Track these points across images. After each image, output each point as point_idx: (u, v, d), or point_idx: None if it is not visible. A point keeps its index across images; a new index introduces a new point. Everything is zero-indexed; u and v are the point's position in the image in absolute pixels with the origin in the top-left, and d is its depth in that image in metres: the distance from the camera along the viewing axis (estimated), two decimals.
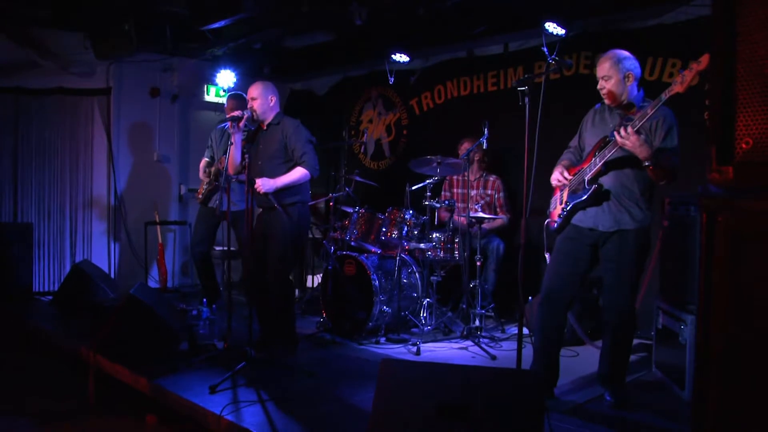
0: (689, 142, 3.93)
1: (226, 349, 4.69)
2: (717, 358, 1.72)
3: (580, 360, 4.78)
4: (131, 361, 4.39)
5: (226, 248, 6.68)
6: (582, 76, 5.90)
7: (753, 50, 1.69)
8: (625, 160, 3.51)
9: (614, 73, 3.57)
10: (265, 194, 4.54)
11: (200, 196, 6.28)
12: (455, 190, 6.42)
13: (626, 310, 3.61)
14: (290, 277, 4.91)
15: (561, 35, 5.62)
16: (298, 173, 4.62)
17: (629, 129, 3.32)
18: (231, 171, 4.76)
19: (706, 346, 1.73)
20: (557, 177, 3.82)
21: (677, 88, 3.17)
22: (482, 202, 6.16)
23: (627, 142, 3.33)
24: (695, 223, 3.96)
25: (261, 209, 4.80)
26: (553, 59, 3.44)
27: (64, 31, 7.02)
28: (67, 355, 5.12)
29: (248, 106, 4.75)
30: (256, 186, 4.49)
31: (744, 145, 1.72)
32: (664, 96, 3.23)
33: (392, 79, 7.32)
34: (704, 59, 3.08)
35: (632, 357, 4.77)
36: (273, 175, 4.61)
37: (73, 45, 7.11)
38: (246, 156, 4.37)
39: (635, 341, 5.08)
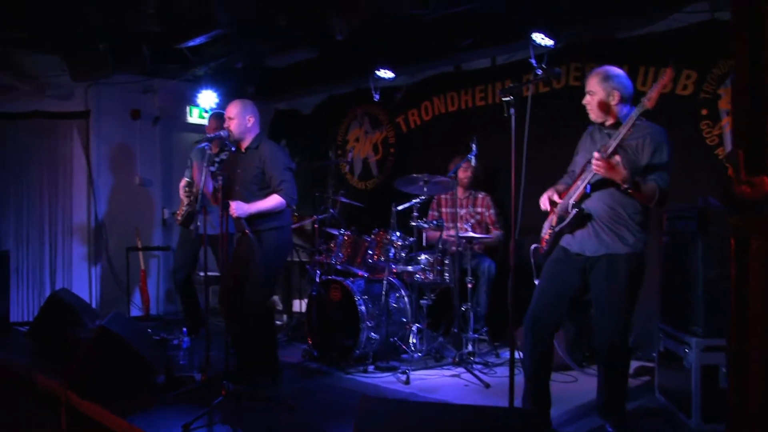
0: (683, 153, 3.76)
1: (204, 381, 4.45)
2: (758, 410, 1.45)
3: (579, 386, 4.56)
4: (104, 396, 4.14)
5: (212, 274, 6.47)
6: (572, 88, 5.72)
7: None
8: (610, 182, 3.32)
9: (599, 89, 3.43)
10: (238, 218, 4.34)
11: (179, 218, 6.08)
12: (444, 210, 6.21)
13: (617, 341, 3.37)
14: (269, 304, 4.68)
15: (549, 46, 5.46)
16: (274, 201, 4.43)
17: (597, 155, 3.19)
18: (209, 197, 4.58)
19: (743, 398, 1.46)
20: (544, 200, 3.64)
21: (647, 104, 3.11)
22: (472, 220, 5.95)
23: (599, 167, 3.17)
24: (696, 238, 3.76)
25: (239, 233, 4.61)
26: (542, 68, 3.25)
27: (40, 53, 6.83)
28: (41, 389, 4.88)
29: (224, 126, 4.56)
30: (230, 209, 4.29)
31: None
32: (635, 114, 3.15)
33: (377, 96, 7.15)
34: (667, 73, 3.10)
35: (634, 381, 4.58)
36: (249, 201, 4.43)
37: (49, 67, 6.93)
38: (219, 180, 4.18)
39: (636, 363, 4.90)
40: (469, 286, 5.36)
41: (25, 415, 4.69)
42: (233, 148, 4.62)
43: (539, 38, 5.35)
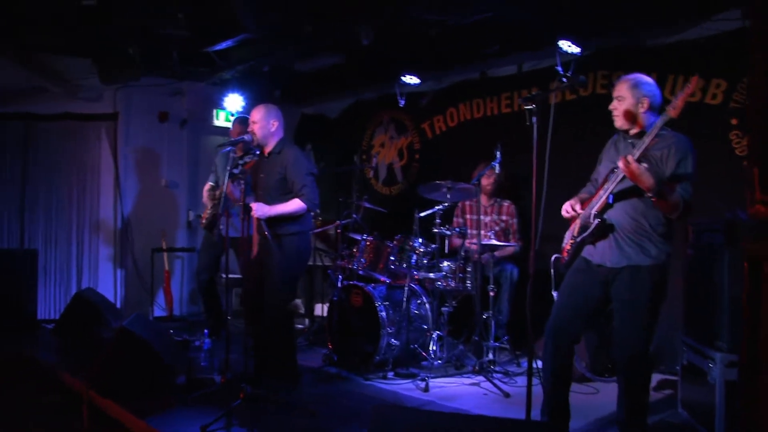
0: (712, 163, 3.68)
1: (223, 383, 4.46)
2: None
3: (600, 397, 4.50)
4: (124, 396, 4.18)
5: (231, 276, 6.50)
6: (599, 96, 5.65)
7: None
8: (634, 191, 3.26)
9: (629, 96, 3.36)
10: (259, 221, 4.36)
11: (204, 221, 6.13)
12: (468, 216, 6.17)
13: (638, 355, 3.30)
14: (289, 308, 4.68)
15: (576, 54, 5.41)
16: (295, 205, 4.43)
17: (629, 158, 3.10)
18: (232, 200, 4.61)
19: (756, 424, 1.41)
20: (566, 209, 3.58)
21: (671, 113, 3.04)
22: (496, 228, 5.90)
23: (626, 171, 3.11)
24: (722, 251, 3.68)
25: (261, 236, 4.62)
26: (566, 76, 3.21)
27: (71, 56, 6.94)
28: (65, 386, 4.94)
29: (248, 130, 4.58)
30: (252, 211, 4.31)
31: None
32: (660, 123, 3.10)
33: (402, 102, 7.15)
34: (693, 82, 3.03)
35: (656, 395, 4.51)
36: (271, 204, 4.45)
37: (80, 70, 7.02)
38: (241, 183, 4.20)
39: (659, 377, 4.82)
40: (491, 294, 5.32)
41: (49, 411, 4.73)
42: (257, 152, 4.64)
43: (566, 45, 5.30)
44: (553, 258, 3.68)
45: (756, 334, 1.37)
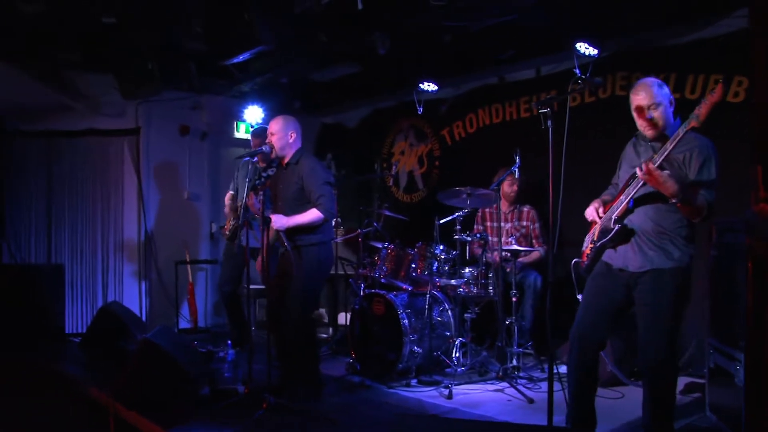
0: (734, 162, 3.62)
1: (247, 394, 4.48)
2: None
3: (626, 402, 4.44)
4: (149, 407, 4.20)
5: (254, 287, 6.53)
6: (618, 98, 5.60)
7: None
8: (655, 196, 3.21)
9: (662, 98, 3.27)
10: (278, 233, 4.38)
11: (227, 232, 6.17)
12: (488, 224, 6.14)
13: (662, 359, 3.24)
14: (310, 318, 4.69)
15: (594, 56, 5.37)
16: (312, 215, 4.43)
17: (650, 165, 3.05)
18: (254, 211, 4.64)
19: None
20: (590, 212, 3.53)
21: (693, 123, 2.98)
22: (517, 234, 5.87)
23: (648, 179, 3.06)
24: (745, 250, 3.61)
25: (282, 247, 4.64)
26: (581, 78, 3.18)
27: (93, 73, 7.05)
28: (92, 399, 4.99)
29: (267, 141, 4.61)
30: (271, 223, 4.33)
31: None
32: (682, 131, 3.02)
33: (421, 109, 7.14)
34: (718, 90, 2.91)
35: (684, 398, 4.44)
36: (289, 215, 4.47)
37: (102, 86, 7.13)
38: (260, 195, 4.22)
39: (687, 380, 4.75)
40: (514, 299, 5.28)
41: (76, 424, 4.78)
42: (274, 164, 4.66)
43: (583, 48, 5.27)
44: (573, 262, 3.63)
45: (762, 334, 1.34)
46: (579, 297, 3.52)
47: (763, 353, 1.35)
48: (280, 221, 4.36)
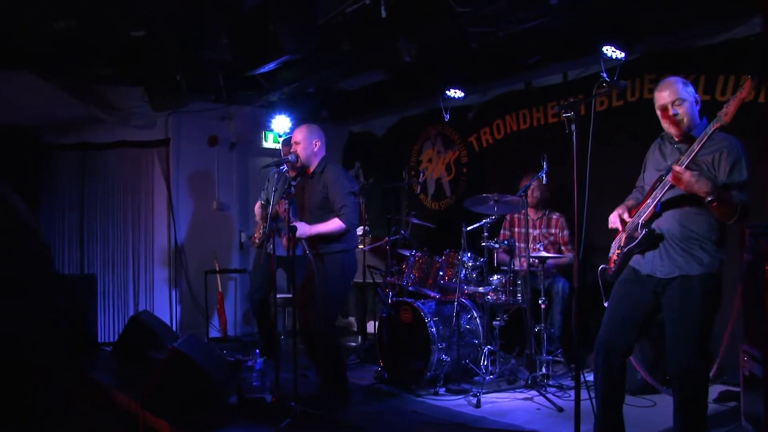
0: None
1: (274, 403, 4.48)
2: None
3: (657, 411, 4.35)
4: (177, 416, 4.24)
5: (283, 296, 6.56)
6: (647, 101, 5.51)
7: None
8: (683, 199, 3.14)
9: (687, 95, 3.22)
10: (299, 239, 4.40)
11: (257, 240, 6.22)
12: (516, 230, 6.09)
13: (692, 368, 3.15)
14: (334, 325, 4.69)
15: (621, 59, 5.30)
16: (334, 225, 4.45)
17: (679, 168, 3.00)
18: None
19: None
20: (614, 218, 3.48)
21: (724, 119, 2.93)
22: (545, 241, 5.80)
23: (680, 181, 2.99)
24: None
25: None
26: (605, 81, 3.15)
27: (124, 86, 7.16)
28: (122, 407, 5.04)
29: (292, 150, 4.63)
30: (297, 231, 4.35)
31: None
32: (710, 130, 2.97)
33: (447, 116, 7.12)
34: (746, 86, 2.86)
35: (719, 407, 4.33)
36: (313, 224, 4.49)
37: (133, 99, 7.24)
38: (286, 203, 4.25)
39: (721, 388, 4.63)
40: (543, 306, 5.22)
41: (108, 430, 4.84)
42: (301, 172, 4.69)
43: (610, 51, 5.20)
44: (600, 268, 3.57)
45: None
46: (606, 304, 3.46)
47: None
48: (302, 228, 4.37)
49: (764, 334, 1.23)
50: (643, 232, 3.24)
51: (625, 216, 3.45)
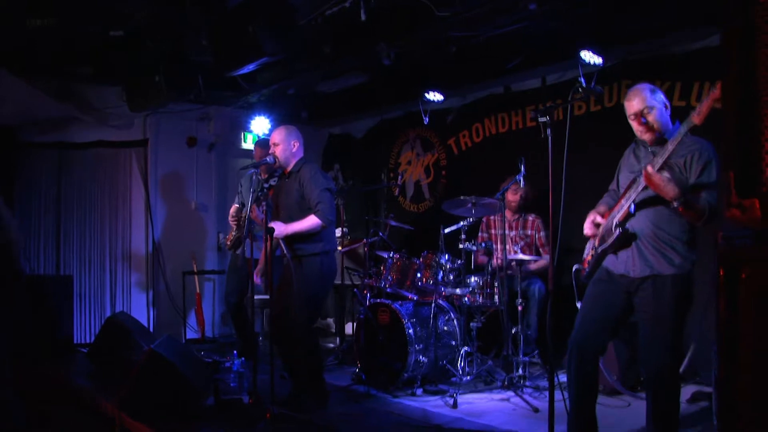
0: None
1: (251, 404, 4.47)
2: None
3: (631, 411, 4.40)
4: (154, 417, 4.22)
5: (261, 297, 6.55)
6: (624, 107, 5.58)
7: None
8: (656, 200, 3.20)
9: (656, 102, 3.30)
10: (278, 242, 4.39)
11: (229, 243, 6.22)
12: (493, 231, 6.14)
13: (665, 367, 3.21)
14: (313, 328, 4.68)
15: (598, 64, 5.37)
16: (310, 222, 4.44)
17: (649, 169, 3.05)
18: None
19: None
20: (588, 226, 3.54)
21: (695, 119, 2.96)
22: (522, 243, 5.85)
23: (650, 182, 3.05)
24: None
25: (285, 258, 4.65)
26: (581, 87, 3.19)
27: (102, 85, 7.13)
28: (98, 409, 5.00)
29: (270, 152, 4.63)
30: (274, 233, 4.35)
31: None
32: (684, 130, 3.02)
33: (427, 120, 7.16)
34: (718, 87, 2.86)
35: (690, 407, 4.40)
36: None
37: (111, 98, 7.21)
38: (263, 205, 4.24)
39: (693, 388, 4.70)
40: (519, 308, 5.27)
41: None
42: (278, 174, 4.67)
43: (587, 56, 5.27)
44: (574, 269, 3.62)
45: (734, 346, 1.32)
46: (578, 305, 3.51)
47: (737, 365, 1.34)
48: (278, 228, 4.36)
49: (718, 338, 1.28)
50: (618, 232, 3.29)
51: (598, 219, 3.51)
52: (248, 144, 8.20)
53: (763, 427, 1.33)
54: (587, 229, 3.54)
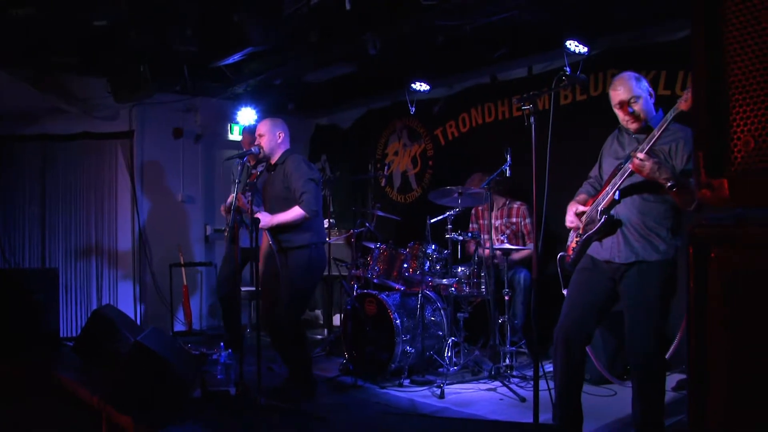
0: None
1: (238, 396, 4.47)
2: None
3: (617, 399, 4.43)
4: (140, 410, 4.20)
5: (250, 288, 6.52)
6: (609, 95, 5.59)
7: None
8: (641, 187, 3.21)
9: (641, 91, 3.31)
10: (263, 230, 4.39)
11: (227, 234, 6.19)
12: (481, 221, 6.15)
13: (650, 354, 3.22)
14: (300, 319, 4.68)
15: (584, 53, 5.37)
16: (295, 212, 4.43)
17: (641, 155, 3.06)
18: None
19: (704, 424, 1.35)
20: (570, 218, 3.54)
21: (682, 105, 2.96)
22: (508, 231, 5.86)
23: (643, 167, 3.05)
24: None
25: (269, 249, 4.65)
26: (565, 75, 3.19)
27: (87, 76, 7.05)
28: (84, 403, 4.98)
29: (256, 143, 4.61)
30: (260, 223, 4.33)
31: (743, 147, 1.30)
32: (670, 116, 3.02)
33: (413, 110, 7.15)
34: None
35: (676, 395, 4.42)
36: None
37: (96, 90, 7.13)
38: (248, 195, 4.23)
39: (678, 376, 4.72)
40: (506, 298, 5.28)
41: (70, 428, 4.78)
42: (262, 164, 4.66)
43: (573, 45, 5.27)
44: (558, 256, 3.63)
45: (702, 327, 1.32)
46: (565, 292, 3.51)
47: (706, 347, 1.34)
48: (264, 219, 4.36)
49: (688, 319, 1.28)
50: (603, 218, 3.30)
51: (580, 209, 3.51)
52: (235, 135, 8.16)
53: (733, 403, 1.34)
54: (569, 221, 3.55)
